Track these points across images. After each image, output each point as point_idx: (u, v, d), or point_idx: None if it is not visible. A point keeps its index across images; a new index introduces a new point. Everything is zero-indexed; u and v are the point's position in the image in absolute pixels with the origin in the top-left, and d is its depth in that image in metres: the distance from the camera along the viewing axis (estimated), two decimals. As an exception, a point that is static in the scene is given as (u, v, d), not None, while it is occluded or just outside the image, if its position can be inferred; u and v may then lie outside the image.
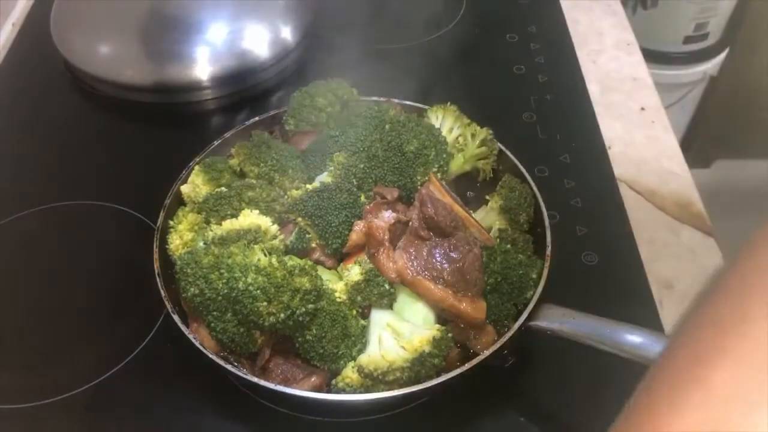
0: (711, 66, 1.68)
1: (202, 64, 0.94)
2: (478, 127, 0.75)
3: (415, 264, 0.61)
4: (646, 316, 0.71)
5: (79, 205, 0.83)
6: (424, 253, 0.61)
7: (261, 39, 0.98)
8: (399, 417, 0.64)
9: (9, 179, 0.87)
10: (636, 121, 0.95)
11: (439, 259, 0.61)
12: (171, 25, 0.97)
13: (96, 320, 0.73)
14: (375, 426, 0.64)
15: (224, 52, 0.95)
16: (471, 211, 0.68)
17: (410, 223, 0.63)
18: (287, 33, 1.00)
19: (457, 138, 0.75)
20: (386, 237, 0.62)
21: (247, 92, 0.97)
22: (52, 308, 0.73)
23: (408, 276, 0.61)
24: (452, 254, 0.61)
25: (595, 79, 1.00)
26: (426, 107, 0.78)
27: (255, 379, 0.57)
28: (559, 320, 0.60)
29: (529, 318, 0.61)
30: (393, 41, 1.05)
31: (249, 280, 0.56)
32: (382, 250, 0.62)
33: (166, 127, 0.96)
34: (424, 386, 0.57)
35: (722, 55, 1.69)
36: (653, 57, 1.56)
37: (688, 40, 1.61)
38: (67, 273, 0.77)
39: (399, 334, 0.59)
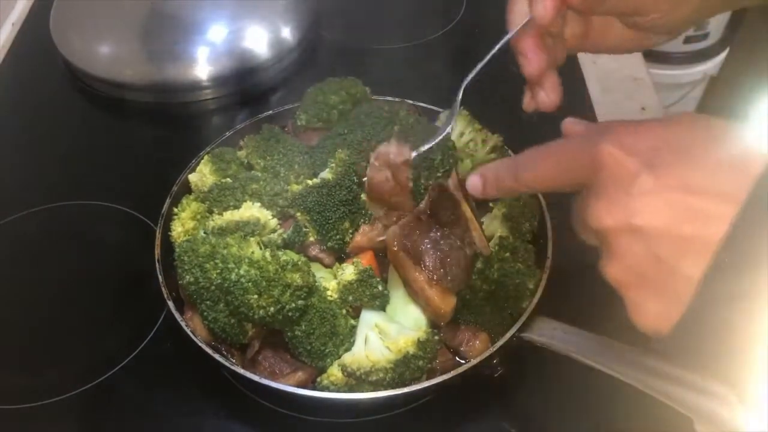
0: (711, 66, 1.68)
1: (202, 64, 0.94)
2: (490, 133, 0.75)
3: (404, 240, 0.61)
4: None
5: (79, 205, 0.83)
6: (417, 233, 0.62)
7: (261, 39, 0.98)
8: (386, 421, 0.64)
9: (9, 179, 0.87)
10: (636, 122, 0.95)
11: (427, 243, 0.61)
12: (171, 25, 0.97)
13: (96, 320, 0.73)
14: (362, 429, 0.64)
15: (224, 52, 0.95)
16: (482, 221, 0.69)
17: (418, 206, 0.64)
18: (287, 33, 1.00)
19: (467, 143, 0.74)
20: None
21: (247, 92, 0.97)
22: (52, 308, 0.74)
23: (393, 248, 0.61)
24: (441, 243, 0.61)
25: (595, 79, 1.00)
26: (440, 110, 0.77)
27: (240, 370, 0.58)
28: (549, 333, 0.59)
29: (522, 329, 0.60)
30: (393, 41, 1.05)
31: (241, 271, 0.57)
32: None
33: (166, 127, 0.96)
34: (407, 390, 0.57)
35: (722, 55, 1.68)
36: (653, 57, 1.55)
37: (688, 40, 1.61)
38: (67, 273, 0.77)
39: (386, 335, 0.60)
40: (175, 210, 0.69)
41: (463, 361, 0.62)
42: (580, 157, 0.41)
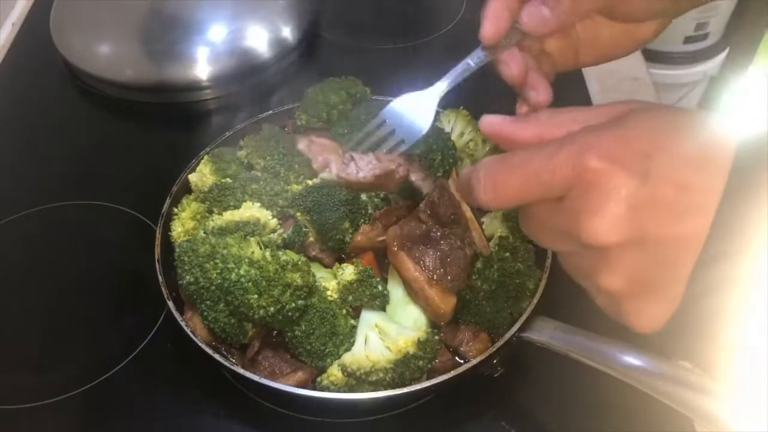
0: (711, 66, 1.68)
1: (202, 64, 0.94)
2: None
3: (404, 240, 0.62)
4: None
5: (79, 205, 0.83)
6: (417, 234, 0.62)
7: (261, 39, 0.98)
8: (386, 421, 0.64)
9: (9, 179, 0.87)
10: (636, 121, 0.94)
11: (427, 243, 0.61)
12: (171, 25, 0.97)
13: (96, 321, 0.73)
14: (362, 429, 0.64)
15: (224, 52, 0.95)
16: (482, 221, 0.69)
17: (418, 206, 0.65)
18: (287, 33, 1.00)
19: (467, 143, 0.75)
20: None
21: (247, 92, 0.97)
22: (52, 308, 0.73)
23: (393, 248, 0.62)
24: (441, 243, 0.61)
25: (595, 79, 1.00)
26: (439, 110, 0.77)
27: (240, 370, 0.58)
28: (549, 333, 0.59)
29: (522, 329, 0.60)
30: (393, 41, 1.05)
31: (241, 271, 0.57)
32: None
33: (166, 127, 0.96)
34: (407, 390, 0.57)
35: (722, 55, 1.68)
36: (653, 57, 1.55)
37: (688, 40, 1.61)
38: (67, 273, 0.77)
39: (386, 335, 0.60)
40: (175, 210, 0.69)
41: (463, 361, 0.62)
42: (557, 173, 0.37)
